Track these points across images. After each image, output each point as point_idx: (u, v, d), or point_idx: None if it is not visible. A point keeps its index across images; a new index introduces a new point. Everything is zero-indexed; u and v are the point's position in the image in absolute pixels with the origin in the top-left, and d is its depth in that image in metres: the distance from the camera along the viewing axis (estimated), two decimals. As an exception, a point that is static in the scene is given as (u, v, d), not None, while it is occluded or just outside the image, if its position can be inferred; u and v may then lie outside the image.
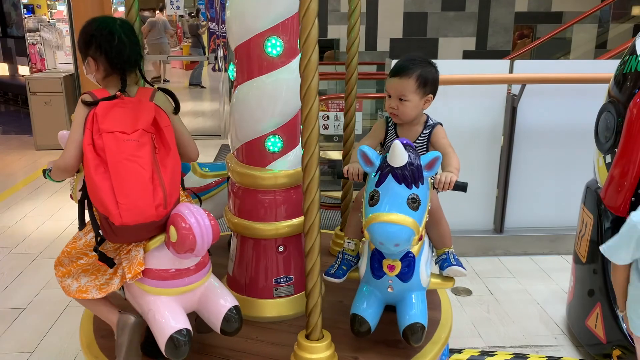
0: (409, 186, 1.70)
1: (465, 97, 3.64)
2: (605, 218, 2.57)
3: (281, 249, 2.17)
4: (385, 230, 1.65)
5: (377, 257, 1.88)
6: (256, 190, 2.12)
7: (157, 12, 12.99)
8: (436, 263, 2.10)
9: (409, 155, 1.73)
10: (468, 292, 3.35)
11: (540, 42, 6.11)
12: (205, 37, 13.68)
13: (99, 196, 1.63)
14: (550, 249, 3.87)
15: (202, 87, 12.87)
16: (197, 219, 1.63)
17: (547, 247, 3.87)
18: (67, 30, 7.76)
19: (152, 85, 1.90)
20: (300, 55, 1.63)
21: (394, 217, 1.65)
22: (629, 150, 2.43)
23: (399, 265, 1.84)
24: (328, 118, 5.53)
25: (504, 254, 3.86)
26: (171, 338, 1.66)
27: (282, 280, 2.19)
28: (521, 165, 3.80)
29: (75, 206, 1.86)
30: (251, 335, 2.06)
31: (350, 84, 2.61)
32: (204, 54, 12.98)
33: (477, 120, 3.72)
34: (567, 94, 3.66)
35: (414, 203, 1.69)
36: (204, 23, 13.51)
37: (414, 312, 1.89)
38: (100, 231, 1.73)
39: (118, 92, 1.77)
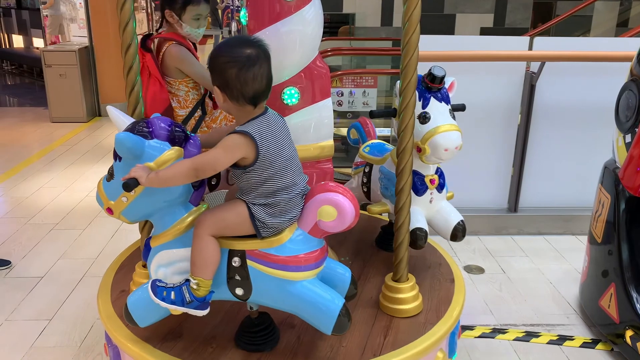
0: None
1: (482, 73, 3.59)
2: (622, 198, 2.54)
3: None
4: None
5: None
6: None
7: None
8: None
9: (130, 129, 1.64)
10: (481, 270, 3.35)
11: (561, 19, 6.00)
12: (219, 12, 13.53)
13: None
14: (564, 229, 3.85)
15: None
16: None
17: (561, 227, 3.85)
18: (80, 3, 7.73)
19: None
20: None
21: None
22: (650, 130, 2.40)
23: None
24: (342, 94, 5.49)
25: (518, 233, 3.84)
26: None
27: None
28: (538, 144, 3.76)
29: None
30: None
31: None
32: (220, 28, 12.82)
33: (494, 97, 3.67)
34: (587, 73, 3.60)
35: (108, 173, 1.70)
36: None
37: (134, 292, 1.81)
38: None
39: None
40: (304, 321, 1.72)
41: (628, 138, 2.53)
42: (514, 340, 2.68)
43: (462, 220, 2.28)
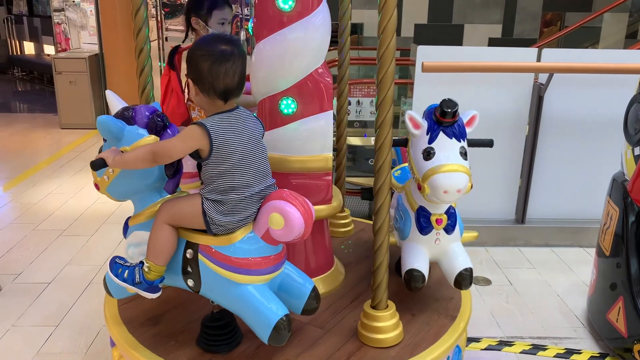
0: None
1: (491, 85, 3.59)
2: (631, 211, 2.53)
3: None
4: None
5: None
6: None
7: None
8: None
9: (116, 114, 1.77)
10: (487, 282, 3.33)
11: (569, 30, 5.99)
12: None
13: None
14: (572, 241, 3.82)
15: None
16: None
17: (569, 239, 3.83)
18: (91, 11, 7.81)
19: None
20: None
21: None
22: (659, 143, 2.39)
23: None
24: (350, 103, 5.51)
25: (525, 245, 3.83)
26: None
27: None
28: (546, 155, 3.74)
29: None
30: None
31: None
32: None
33: (502, 108, 3.67)
34: (596, 84, 3.59)
35: (99, 152, 1.79)
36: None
37: None
38: None
39: None
40: None
41: (637, 151, 2.52)
42: (520, 353, 2.66)
43: (469, 268, 2.08)
